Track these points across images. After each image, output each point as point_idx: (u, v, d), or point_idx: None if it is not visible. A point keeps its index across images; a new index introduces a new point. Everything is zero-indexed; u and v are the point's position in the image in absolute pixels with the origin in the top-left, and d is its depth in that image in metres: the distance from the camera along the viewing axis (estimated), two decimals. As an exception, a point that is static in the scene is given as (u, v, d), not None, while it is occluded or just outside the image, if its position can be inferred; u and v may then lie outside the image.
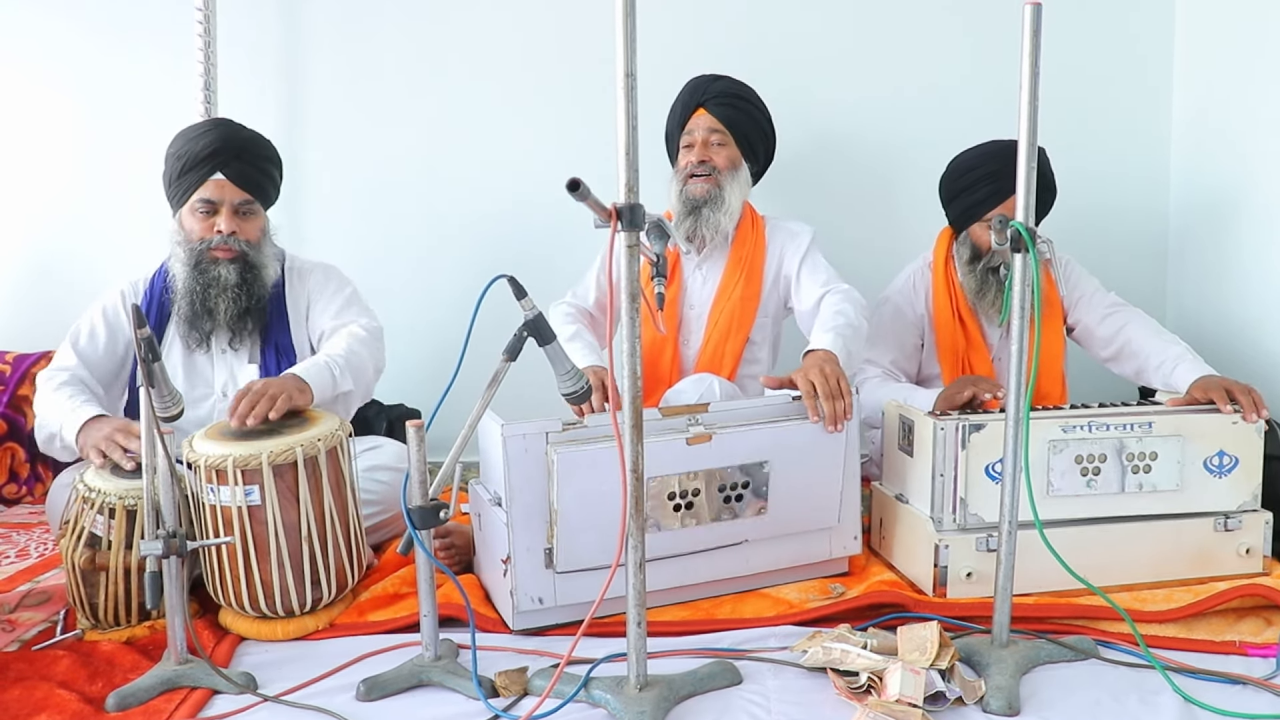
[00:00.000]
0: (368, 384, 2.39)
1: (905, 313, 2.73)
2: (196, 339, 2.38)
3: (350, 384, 2.27)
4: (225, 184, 2.35)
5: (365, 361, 2.35)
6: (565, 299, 2.73)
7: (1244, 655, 1.83)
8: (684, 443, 1.95)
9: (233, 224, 2.35)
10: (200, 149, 2.34)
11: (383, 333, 2.48)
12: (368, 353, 2.36)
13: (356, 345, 2.34)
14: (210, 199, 2.34)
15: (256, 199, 2.41)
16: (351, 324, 2.42)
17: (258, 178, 2.40)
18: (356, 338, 2.37)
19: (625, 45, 1.46)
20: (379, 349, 2.44)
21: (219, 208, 2.35)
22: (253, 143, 2.42)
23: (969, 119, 2.80)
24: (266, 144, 2.46)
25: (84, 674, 1.77)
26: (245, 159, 2.37)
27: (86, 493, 1.94)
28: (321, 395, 2.19)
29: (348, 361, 2.28)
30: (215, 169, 2.34)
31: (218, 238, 2.34)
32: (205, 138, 2.36)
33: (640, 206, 1.50)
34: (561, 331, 2.53)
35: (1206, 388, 2.19)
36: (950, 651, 1.72)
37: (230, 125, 2.43)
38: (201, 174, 2.34)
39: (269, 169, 2.45)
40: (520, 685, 1.71)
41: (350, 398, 2.33)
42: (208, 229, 2.35)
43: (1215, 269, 2.99)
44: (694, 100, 2.63)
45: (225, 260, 2.34)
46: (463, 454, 1.73)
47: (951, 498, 2.07)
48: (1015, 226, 1.66)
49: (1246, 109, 2.82)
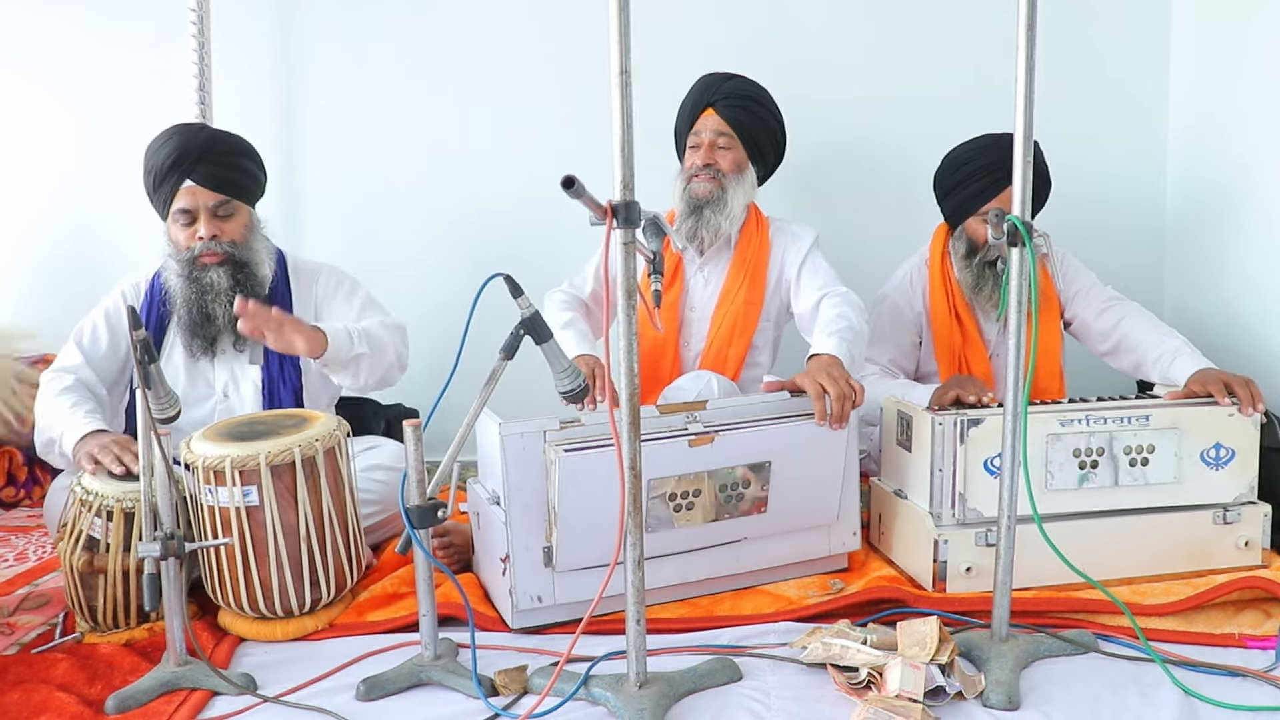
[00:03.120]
0: (387, 364, 2.37)
1: (903, 310, 2.72)
2: (201, 346, 2.37)
3: (366, 349, 2.27)
4: (196, 189, 2.33)
5: (385, 342, 2.35)
6: (562, 287, 2.71)
7: (1243, 648, 1.83)
8: (686, 445, 1.94)
9: (212, 227, 2.33)
10: (163, 160, 2.32)
11: (405, 330, 2.47)
12: (389, 337, 2.37)
13: (379, 328, 2.36)
14: (186, 208, 2.33)
15: (233, 197, 2.38)
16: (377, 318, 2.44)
17: (229, 175, 2.37)
18: (383, 324, 2.39)
19: (620, 42, 1.45)
20: (402, 341, 2.44)
21: (196, 214, 2.33)
22: (215, 141, 2.38)
23: (974, 117, 2.78)
24: (232, 139, 2.43)
25: (83, 676, 1.77)
26: (210, 159, 2.34)
27: (84, 495, 1.94)
28: (336, 346, 2.19)
29: (366, 332, 2.30)
30: (183, 176, 2.32)
31: (200, 244, 2.33)
32: (165, 147, 2.34)
33: (636, 204, 1.50)
34: (555, 319, 2.52)
35: (1204, 381, 2.19)
36: (950, 646, 1.72)
37: (189, 129, 2.39)
38: (172, 184, 2.33)
39: (239, 163, 2.40)
40: (520, 684, 1.71)
41: (362, 363, 2.29)
42: (190, 237, 2.34)
43: (1212, 262, 2.99)
44: (704, 100, 2.60)
45: (214, 265, 2.33)
46: (461, 453, 1.72)
47: (950, 493, 2.07)
48: (1012, 220, 1.66)
49: (1244, 101, 2.82)
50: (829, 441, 2.07)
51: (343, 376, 2.33)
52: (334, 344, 2.20)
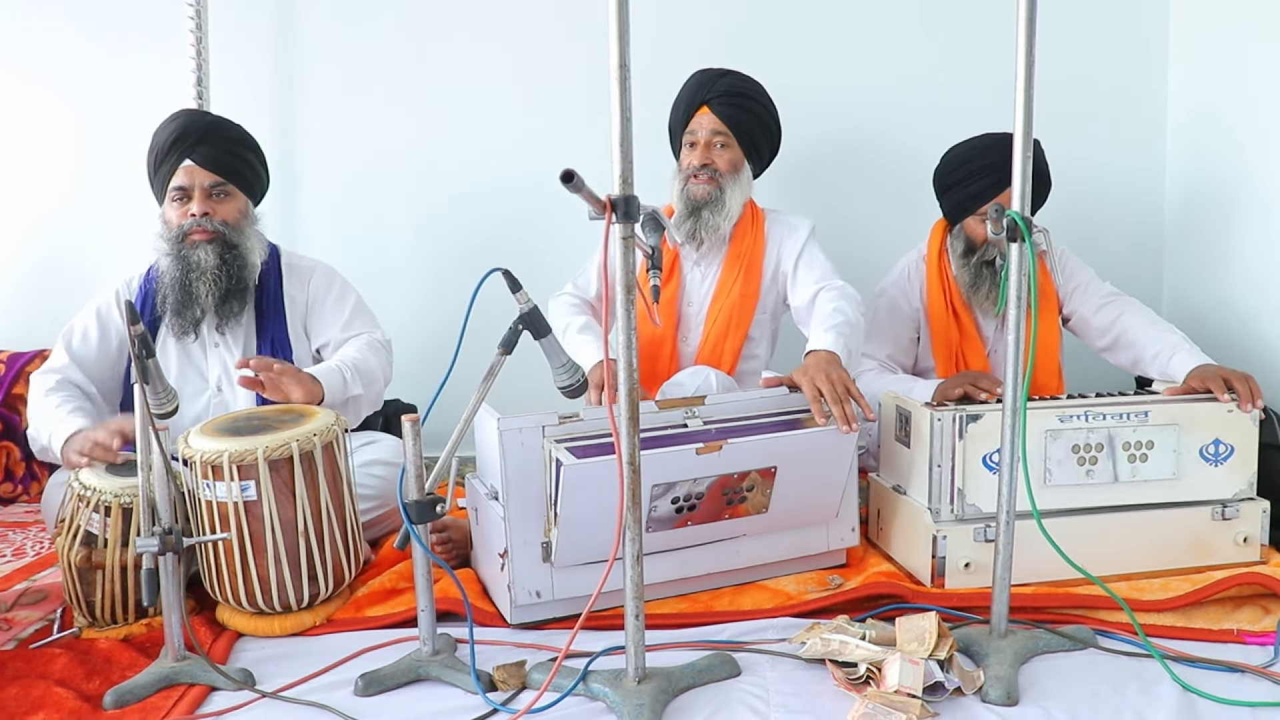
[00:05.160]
0: (377, 393, 2.42)
1: (901, 306, 2.72)
2: (183, 327, 2.37)
3: (360, 389, 2.31)
4: (194, 168, 2.36)
5: (375, 370, 2.38)
6: (567, 290, 2.70)
7: (1242, 643, 1.83)
8: (694, 453, 1.92)
9: (206, 206, 2.35)
10: (166, 138, 2.36)
11: (391, 345, 2.51)
12: (378, 361, 2.41)
13: (368, 354, 2.39)
14: (182, 185, 2.36)
15: (230, 181, 2.40)
16: (362, 334, 2.46)
17: (227, 160, 2.39)
18: (370, 346, 2.41)
19: (619, 37, 1.45)
20: (388, 361, 2.47)
21: (191, 192, 2.35)
22: (218, 125, 2.42)
23: (972, 108, 2.79)
24: (236, 128, 2.45)
25: (81, 672, 1.77)
26: (211, 141, 2.37)
27: (82, 490, 1.93)
28: (332, 394, 2.22)
29: (357, 369, 2.32)
30: (183, 155, 2.35)
31: (191, 221, 2.34)
32: (170, 126, 2.38)
33: (635, 198, 1.49)
34: (572, 323, 2.53)
35: (1203, 376, 2.19)
36: (949, 642, 1.72)
37: (195, 113, 2.45)
38: (171, 163, 2.35)
39: (239, 151, 2.43)
40: (519, 679, 1.71)
41: (359, 403, 2.35)
42: (183, 215, 2.36)
43: (1211, 257, 2.98)
44: (698, 97, 2.58)
45: (203, 242, 2.34)
46: (459, 448, 1.72)
47: (949, 488, 2.06)
48: (1011, 216, 1.66)
49: (1244, 96, 2.81)
50: (838, 449, 2.06)
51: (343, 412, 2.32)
52: (330, 392, 2.22)
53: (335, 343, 2.46)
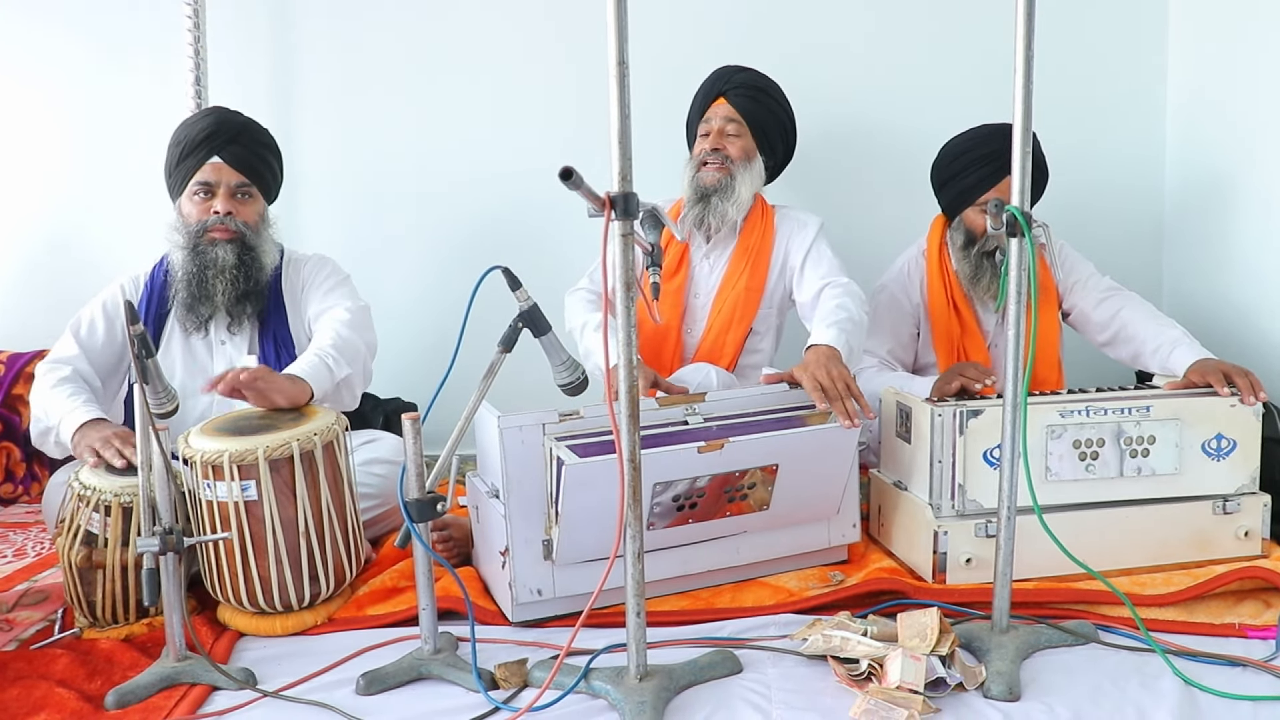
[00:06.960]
0: (364, 364, 2.39)
1: (901, 301, 2.72)
2: (194, 323, 2.38)
3: (346, 369, 2.27)
4: (222, 166, 2.38)
5: (355, 343, 2.35)
6: (582, 285, 2.70)
7: (1244, 637, 1.83)
8: (695, 451, 1.92)
9: (229, 205, 2.37)
10: (197, 133, 2.37)
11: (369, 310, 2.48)
12: (354, 334, 2.36)
13: (342, 329, 2.34)
14: (207, 181, 2.37)
15: (254, 183, 2.43)
16: (335, 307, 2.42)
17: (254, 162, 2.42)
18: (340, 321, 2.37)
19: (617, 33, 1.45)
20: (366, 327, 2.43)
21: (216, 190, 2.38)
22: (249, 127, 2.45)
23: (973, 105, 2.77)
24: (264, 131, 2.49)
25: (83, 672, 1.77)
26: (241, 142, 2.40)
27: (82, 490, 1.93)
28: (321, 388, 2.19)
29: (337, 349, 2.28)
30: (212, 152, 2.37)
31: (214, 218, 2.36)
32: (202, 122, 2.40)
33: (634, 195, 1.49)
34: (590, 320, 2.53)
35: (1204, 371, 2.19)
36: (950, 638, 1.72)
37: (227, 111, 2.46)
38: (199, 158, 2.37)
39: (266, 155, 2.47)
40: (520, 677, 1.71)
41: (351, 382, 2.32)
42: (205, 211, 2.37)
43: (1212, 251, 2.98)
44: (715, 89, 2.63)
45: (223, 241, 2.35)
46: (460, 446, 1.72)
47: (950, 484, 2.06)
48: (1011, 211, 1.65)
49: (1243, 87, 2.80)
50: (839, 446, 2.06)
51: (336, 402, 2.30)
52: (317, 384, 2.18)
53: (313, 316, 2.45)
